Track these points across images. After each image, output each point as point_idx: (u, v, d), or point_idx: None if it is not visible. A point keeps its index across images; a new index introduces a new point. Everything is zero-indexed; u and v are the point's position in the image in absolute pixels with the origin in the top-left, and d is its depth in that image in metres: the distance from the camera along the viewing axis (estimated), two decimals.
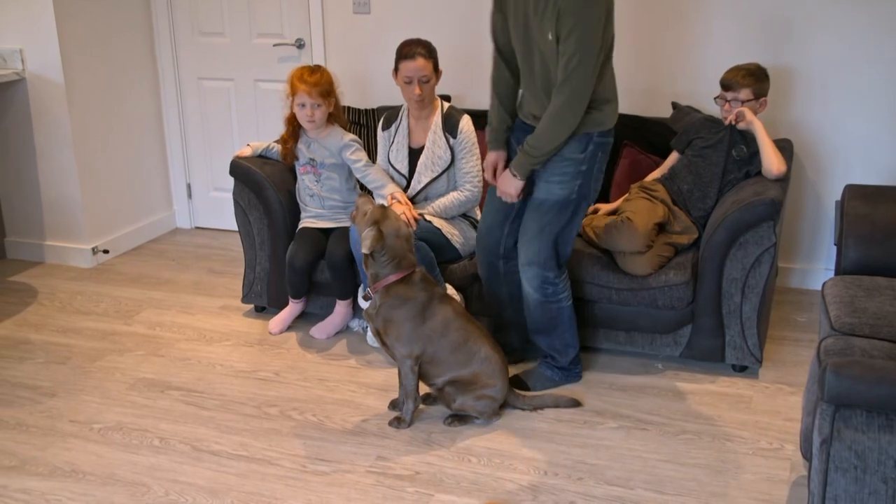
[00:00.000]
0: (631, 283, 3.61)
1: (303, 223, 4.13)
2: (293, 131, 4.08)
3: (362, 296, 3.94)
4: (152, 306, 4.45)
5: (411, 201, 3.89)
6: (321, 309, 4.20)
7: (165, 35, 5.29)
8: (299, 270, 3.99)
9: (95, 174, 5.00)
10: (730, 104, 3.79)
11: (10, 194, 5.04)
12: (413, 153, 3.91)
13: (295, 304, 4.15)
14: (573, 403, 3.47)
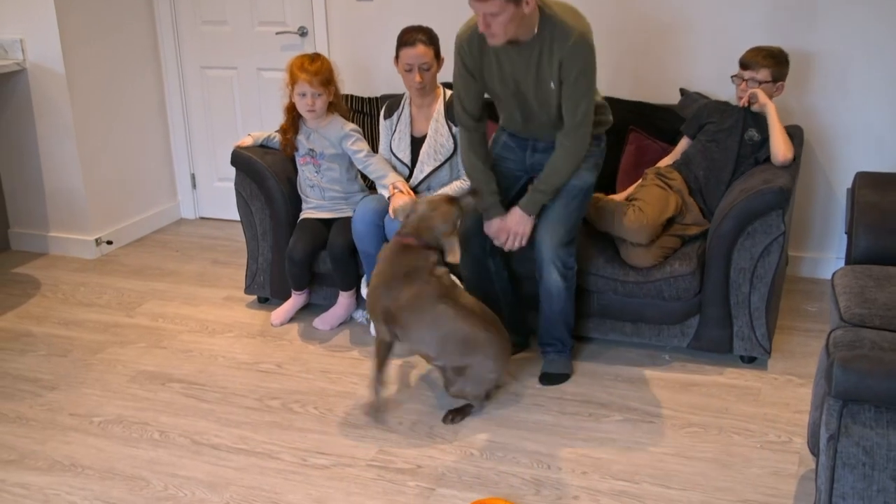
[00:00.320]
0: (637, 276, 3.55)
1: (303, 214, 4.09)
2: (293, 121, 4.02)
3: (366, 285, 3.90)
4: (155, 298, 4.42)
5: (413, 191, 3.83)
6: (324, 300, 4.16)
7: (168, 24, 5.24)
8: (299, 262, 3.94)
9: (98, 165, 4.97)
10: (746, 83, 3.72)
11: (14, 185, 5.01)
12: (415, 142, 3.85)
13: (297, 296, 4.11)
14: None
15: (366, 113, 4.51)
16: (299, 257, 3.93)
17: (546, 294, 3.50)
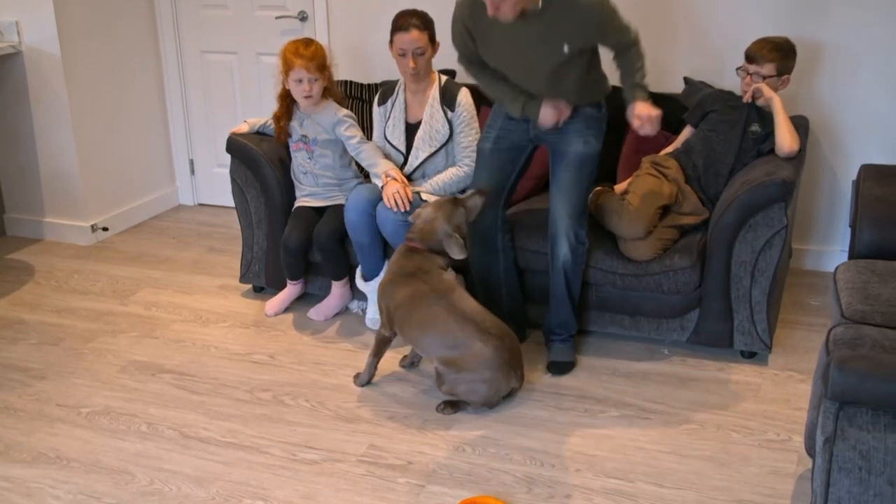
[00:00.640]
0: (635, 269, 3.48)
1: (298, 202, 4.02)
2: (286, 108, 3.96)
3: (360, 275, 3.84)
4: (150, 286, 4.37)
5: (408, 178, 3.76)
6: (320, 290, 4.10)
7: (167, 7, 5.17)
8: (293, 251, 3.88)
9: (95, 150, 4.91)
10: (751, 77, 3.63)
11: (9, 170, 4.96)
12: (410, 128, 3.77)
13: (292, 286, 4.05)
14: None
15: (364, 100, 4.43)
16: (294, 246, 3.87)
17: (556, 270, 3.46)
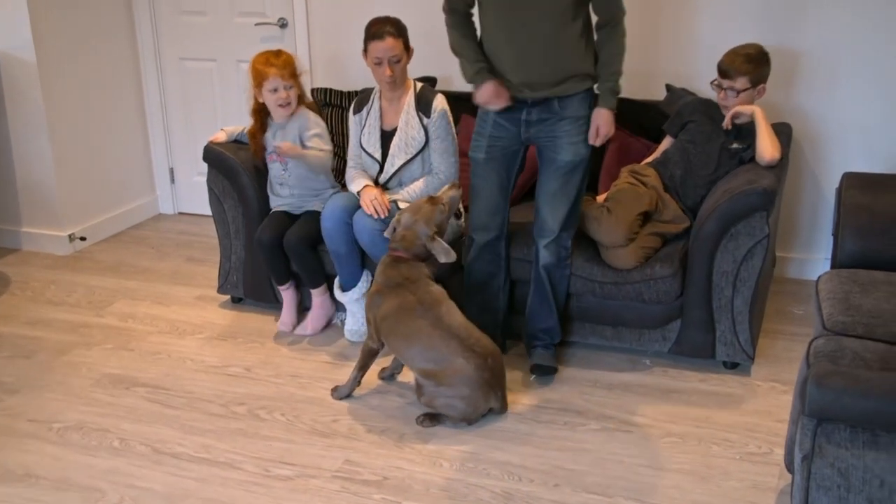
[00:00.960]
0: (615, 277, 3.44)
1: (273, 208, 3.97)
2: (261, 123, 3.93)
3: (338, 286, 3.78)
4: (127, 297, 4.31)
5: (384, 186, 3.71)
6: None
7: (145, 13, 5.12)
8: (268, 247, 3.79)
9: (72, 158, 4.85)
10: (726, 93, 3.58)
11: None
12: (385, 136, 3.71)
13: (286, 293, 3.94)
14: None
15: (344, 107, 4.38)
16: (267, 241, 3.79)
17: (538, 276, 3.44)
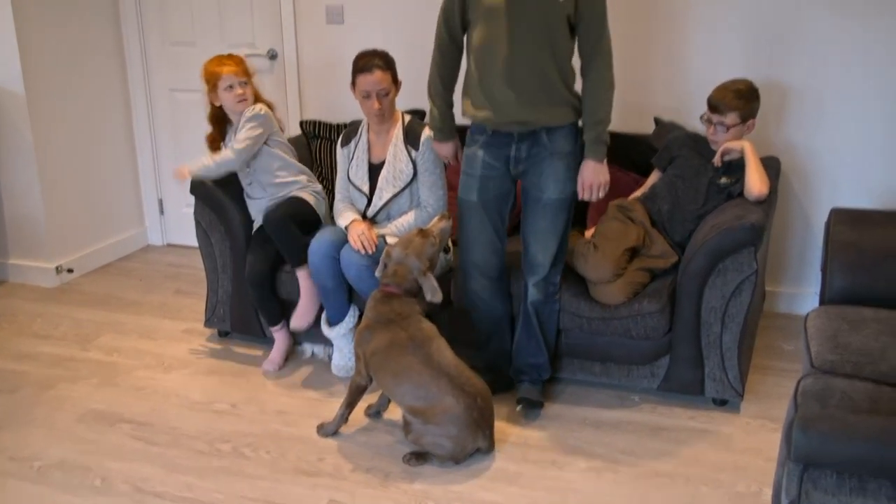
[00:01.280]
0: (602, 313, 3.42)
1: (255, 226, 3.95)
2: (221, 130, 3.98)
3: (325, 320, 3.76)
4: (113, 330, 4.28)
5: (372, 220, 3.70)
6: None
7: (135, 44, 5.12)
8: (258, 284, 3.79)
9: (60, 189, 4.83)
10: (714, 127, 3.58)
11: None
12: (374, 169, 3.70)
13: (278, 334, 3.90)
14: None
15: (333, 140, 4.37)
16: (257, 276, 3.79)
17: (526, 313, 3.43)
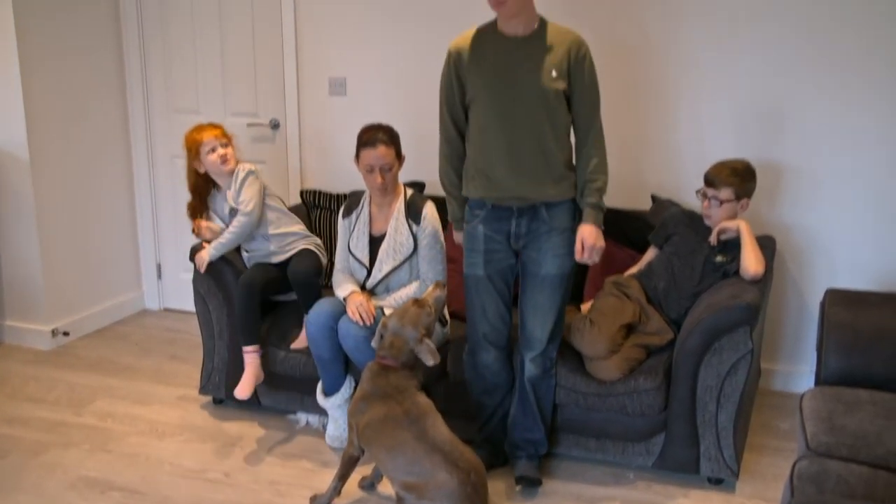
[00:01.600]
0: (598, 388, 3.43)
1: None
2: (201, 199, 4.04)
3: (320, 391, 3.75)
4: (107, 395, 4.26)
5: (371, 292, 3.71)
6: (288, 403, 4.01)
7: (140, 111, 5.19)
8: (248, 289, 3.85)
9: (60, 253, 4.85)
10: (709, 201, 3.64)
11: None
12: (374, 241, 3.73)
13: (250, 357, 3.86)
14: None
15: (333, 210, 4.42)
16: (250, 287, 3.86)
17: (523, 388, 3.43)
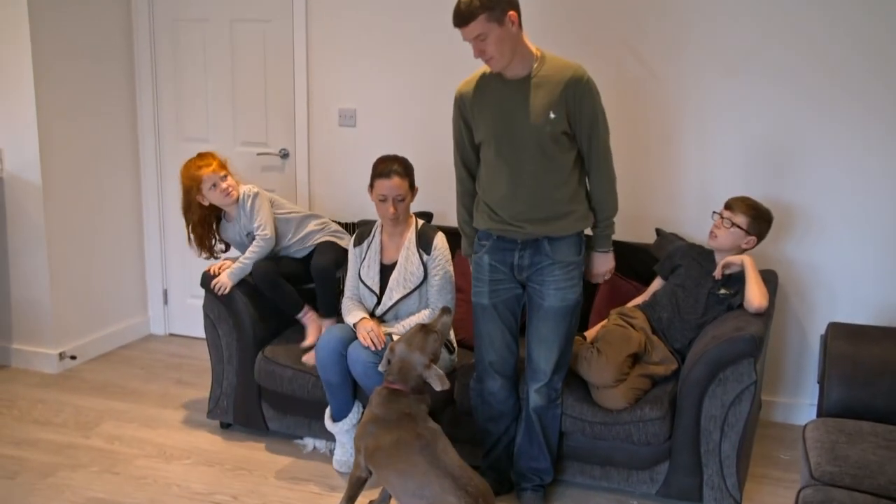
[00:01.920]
0: (605, 417, 3.48)
1: None
2: (207, 230, 4.20)
3: (328, 416, 3.79)
4: (114, 418, 4.30)
5: (380, 319, 3.77)
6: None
7: (150, 139, 5.27)
8: (271, 279, 4.04)
9: (68, 277, 4.90)
10: (721, 220, 3.73)
11: None
12: (385, 269, 3.80)
13: (307, 319, 4.10)
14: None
15: (343, 238, 4.47)
16: (270, 276, 4.03)
17: (528, 418, 3.47)
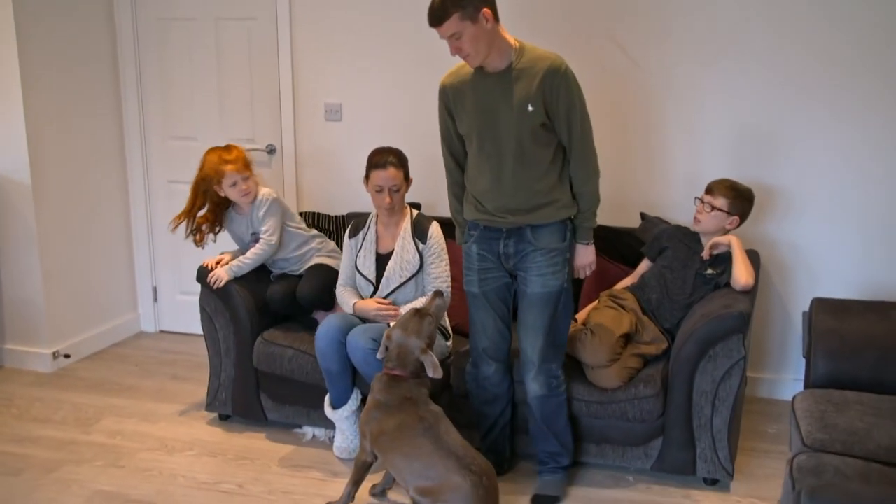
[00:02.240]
0: (600, 396, 3.59)
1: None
2: (217, 214, 4.24)
3: (328, 404, 3.87)
4: (113, 414, 4.34)
5: None
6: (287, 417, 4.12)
7: (136, 137, 5.30)
8: (279, 300, 4.10)
9: (59, 276, 4.94)
10: (703, 205, 3.85)
11: None
12: (381, 259, 3.89)
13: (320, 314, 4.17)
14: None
15: (331, 231, 4.56)
16: (279, 296, 4.10)
17: (528, 405, 3.54)
